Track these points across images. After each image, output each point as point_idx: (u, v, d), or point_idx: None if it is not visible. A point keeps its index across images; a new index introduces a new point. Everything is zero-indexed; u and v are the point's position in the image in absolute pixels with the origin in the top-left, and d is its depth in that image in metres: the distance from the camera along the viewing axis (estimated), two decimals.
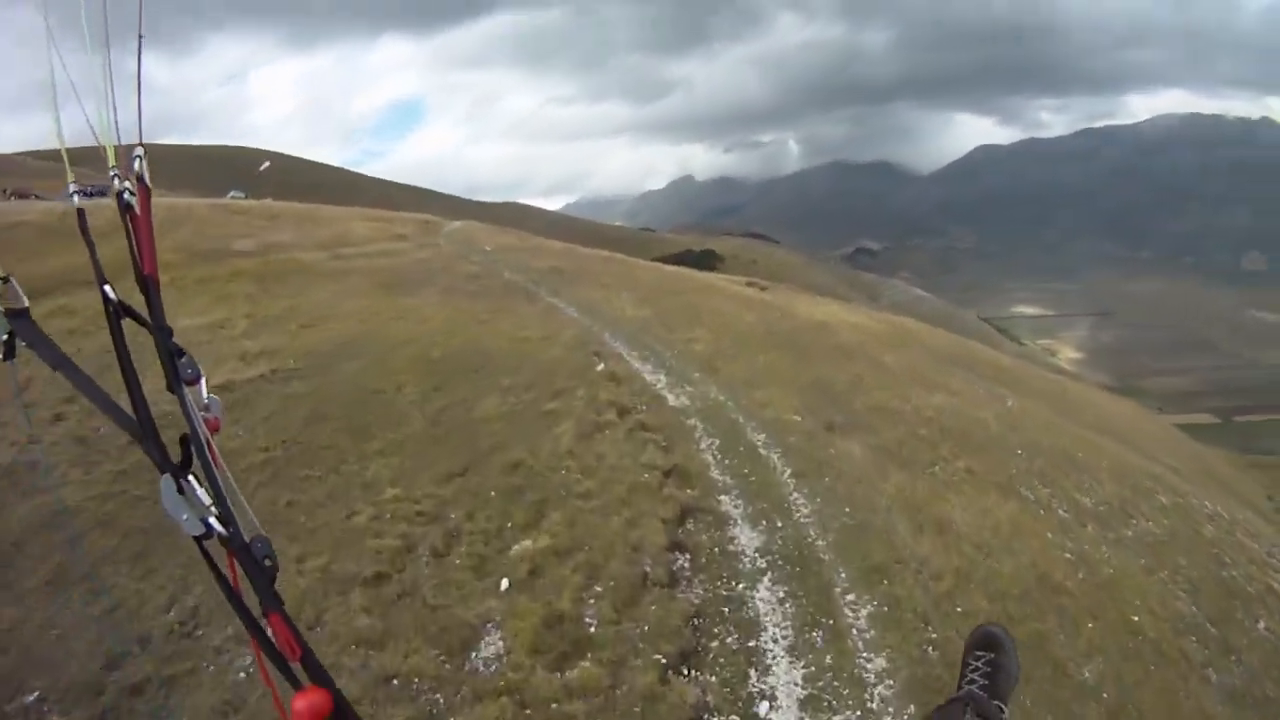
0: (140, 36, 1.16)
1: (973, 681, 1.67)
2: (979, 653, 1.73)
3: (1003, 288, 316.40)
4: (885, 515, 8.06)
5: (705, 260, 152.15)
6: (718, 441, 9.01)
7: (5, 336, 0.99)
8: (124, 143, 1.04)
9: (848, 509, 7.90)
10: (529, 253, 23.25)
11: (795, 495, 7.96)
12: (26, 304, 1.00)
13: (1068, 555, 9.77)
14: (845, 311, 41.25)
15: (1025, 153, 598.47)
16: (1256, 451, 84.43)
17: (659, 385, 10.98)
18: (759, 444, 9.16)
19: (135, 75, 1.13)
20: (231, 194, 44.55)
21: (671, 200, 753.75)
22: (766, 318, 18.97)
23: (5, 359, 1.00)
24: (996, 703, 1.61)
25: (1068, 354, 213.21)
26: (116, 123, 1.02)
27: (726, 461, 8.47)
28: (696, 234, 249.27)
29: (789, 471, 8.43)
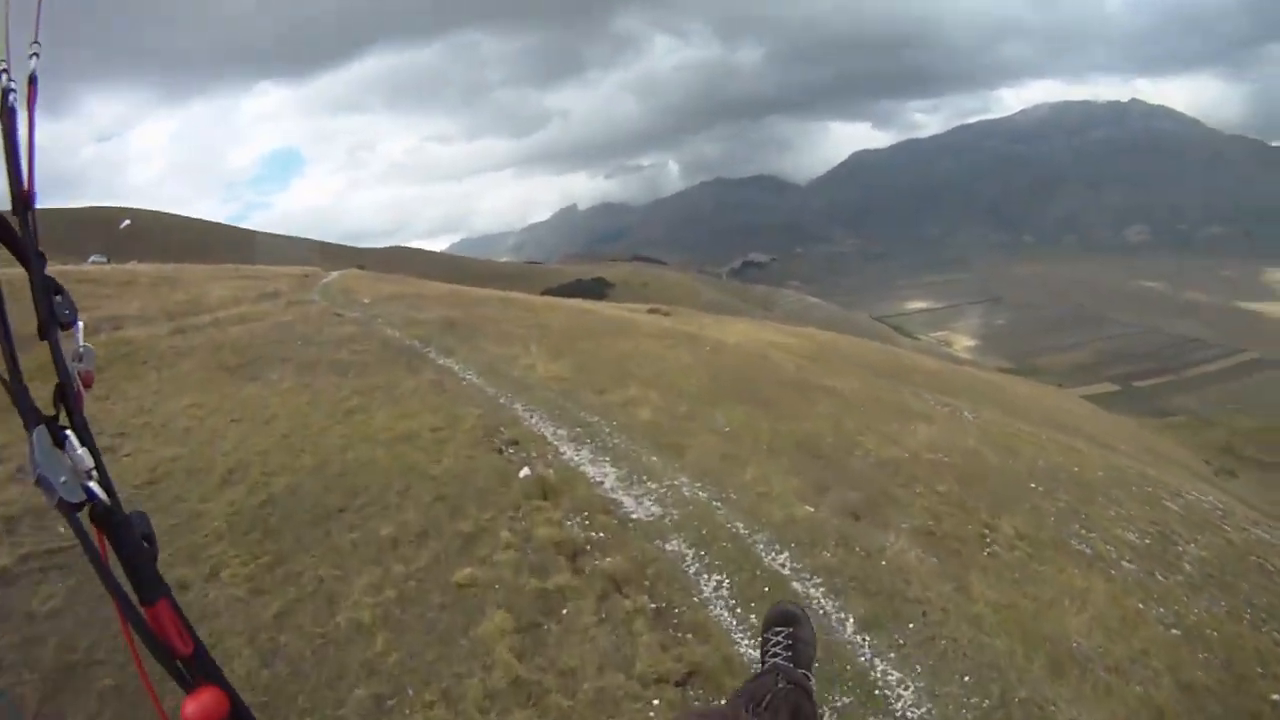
0: None
1: (776, 655, 1.79)
2: (778, 629, 1.84)
3: (891, 286, 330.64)
4: (1011, 664, 5.22)
5: (596, 288, 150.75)
6: (726, 580, 5.88)
7: None
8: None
9: (965, 676, 4.98)
10: (414, 302, 19.58)
11: (881, 667, 4.95)
12: None
13: (1175, 631, 7.57)
14: (757, 329, 39.38)
15: (902, 154, 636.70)
16: (1161, 413, 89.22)
17: (610, 485, 7.78)
18: (785, 570, 6.11)
19: None
20: (92, 259, 39.29)
21: (557, 231, 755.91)
22: (700, 355, 16.17)
23: None
24: (802, 671, 1.75)
25: (962, 343, 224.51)
26: (8, 13, 0.88)
27: (754, 618, 5.38)
28: (585, 263, 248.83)
29: (851, 620, 5.43)
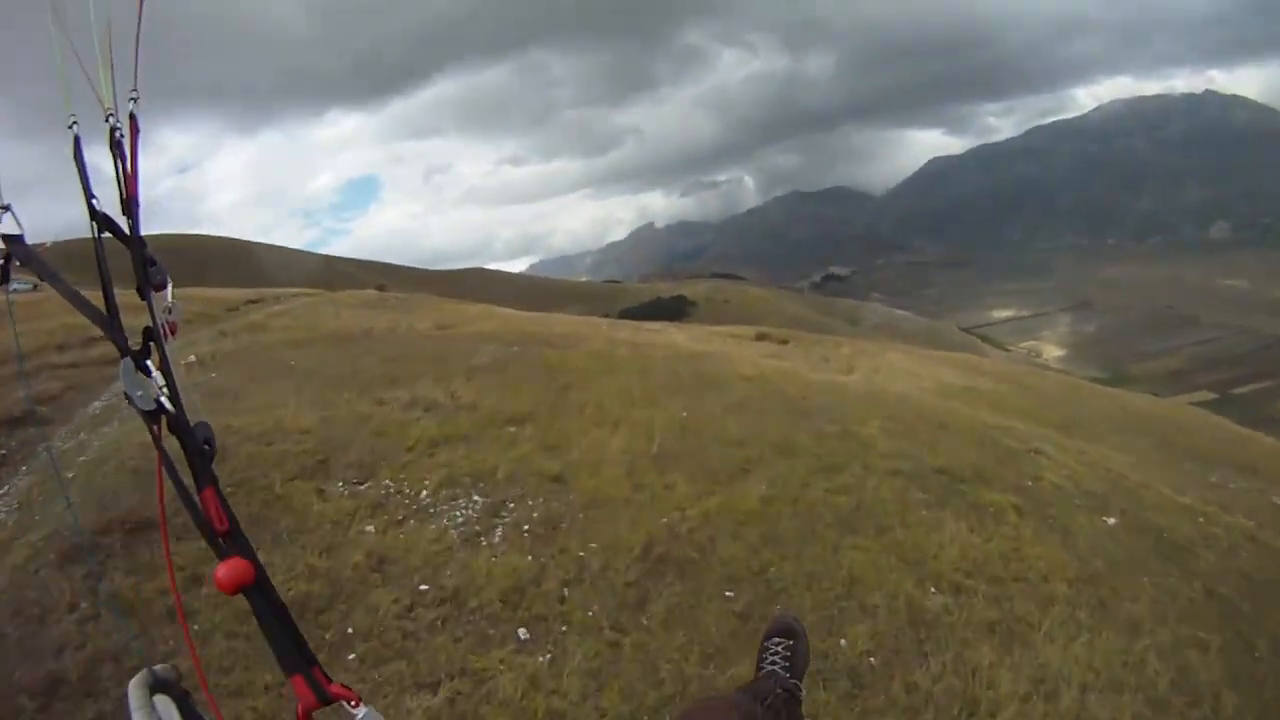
0: None
1: (774, 664, 1.89)
2: (777, 639, 1.96)
3: (976, 294, 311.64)
4: None
5: (677, 306, 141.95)
6: None
7: (1, 261, 1.15)
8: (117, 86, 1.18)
9: None
10: (352, 346, 10.08)
11: None
12: (21, 231, 1.13)
13: None
14: (919, 363, 28.05)
15: (978, 159, 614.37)
16: (1268, 422, 73.27)
17: None
18: None
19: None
20: (13, 287, 31.55)
21: (635, 250, 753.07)
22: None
23: (0, 283, 1.19)
24: (794, 680, 1.84)
25: (1052, 352, 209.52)
26: (113, 64, 1.15)
27: None
28: (664, 281, 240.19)
29: None
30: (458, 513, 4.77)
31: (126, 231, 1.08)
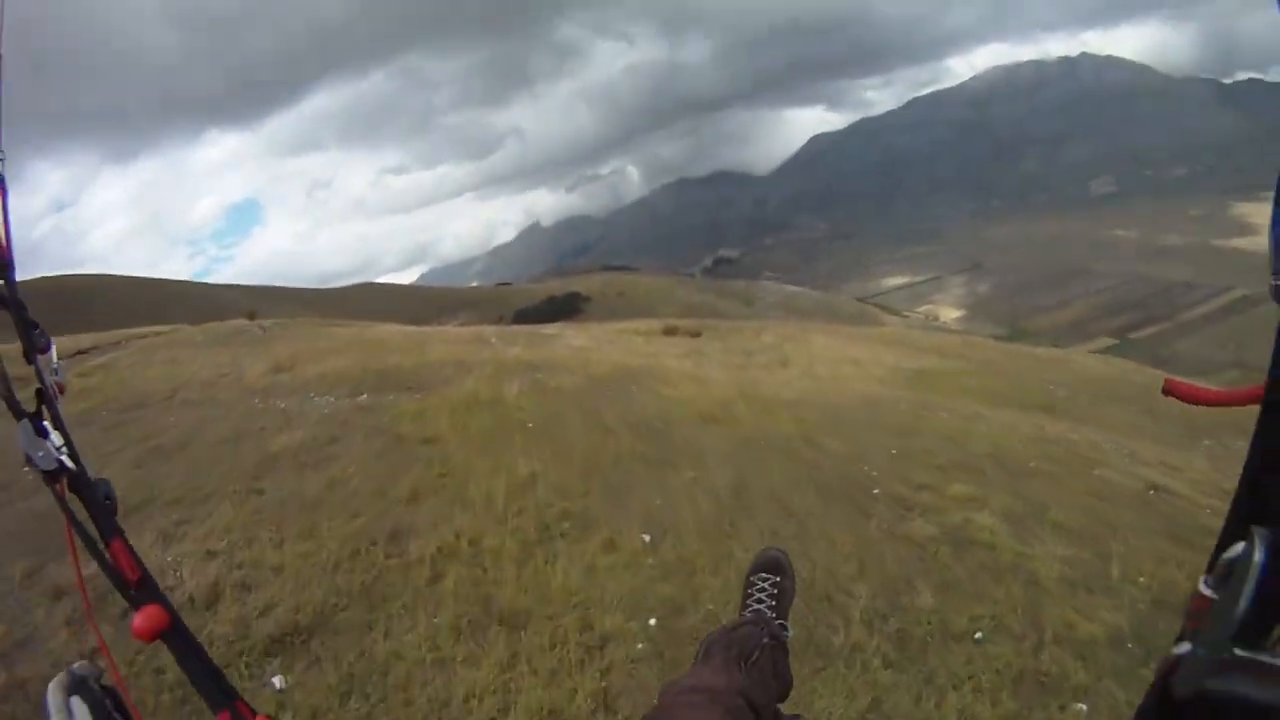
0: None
1: (760, 602, 1.76)
2: (764, 574, 1.81)
3: (867, 265, 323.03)
4: None
5: (570, 304, 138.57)
6: None
7: None
8: None
9: None
10: None
11: None
12: None
13: None
14: (844, 344, 25.78)
15: (859, 133, 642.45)
16: (1164, 363, 78.48)
17: None
18: None
19: None
20: None
21: (524, 250, 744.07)
22: None
23: None
24: (781, 621, 1.73)
25: (950, 314, 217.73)
26: None
27: None
28: (555, 279, 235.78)
29: None
30: None
31: (5, 295, 1.11)
